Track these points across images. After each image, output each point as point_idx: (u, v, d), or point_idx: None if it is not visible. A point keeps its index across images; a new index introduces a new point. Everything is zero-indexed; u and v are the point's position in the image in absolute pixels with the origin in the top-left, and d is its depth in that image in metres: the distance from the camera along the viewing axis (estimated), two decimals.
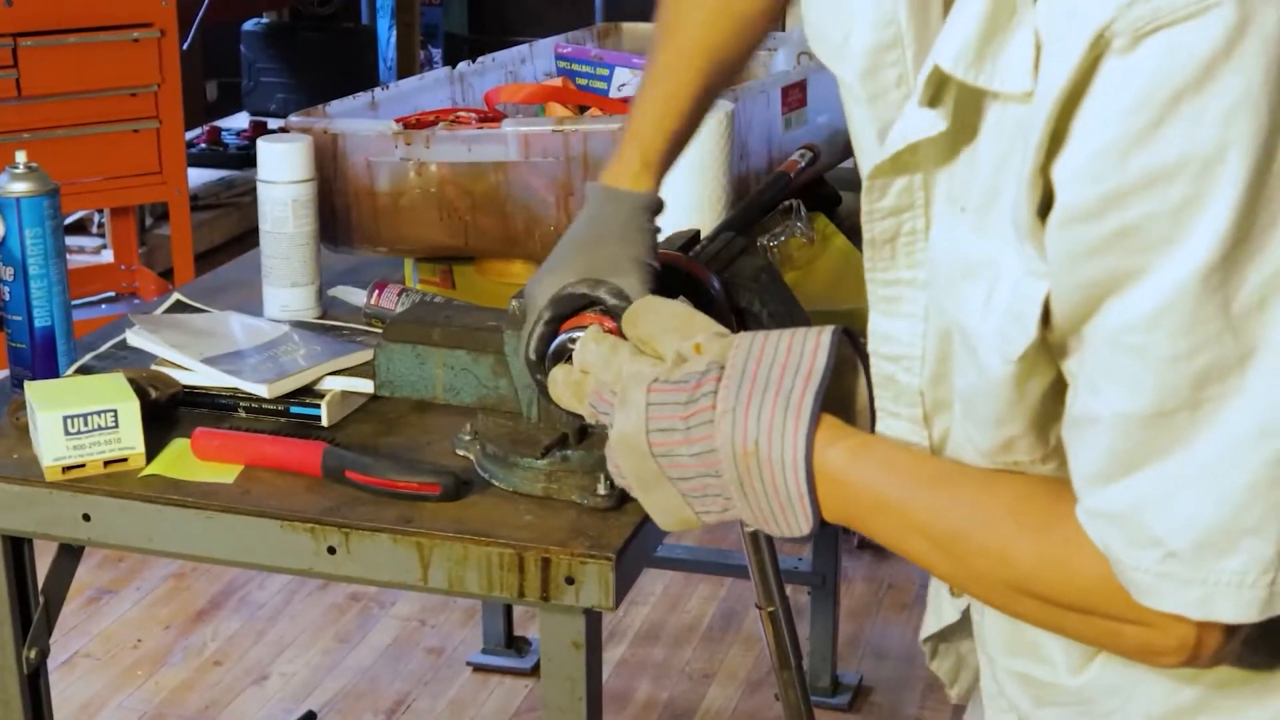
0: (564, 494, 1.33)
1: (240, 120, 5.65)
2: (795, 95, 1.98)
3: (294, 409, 1.51)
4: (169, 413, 1.51)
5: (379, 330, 1.62)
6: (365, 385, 1.53)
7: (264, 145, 1.74)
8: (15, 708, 1.48)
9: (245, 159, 5.01)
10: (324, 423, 1.50)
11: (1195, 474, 0.79)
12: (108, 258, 4.33)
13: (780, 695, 1.21)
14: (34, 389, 1.44)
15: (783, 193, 1.89)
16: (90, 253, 4.43)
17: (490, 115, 1.95)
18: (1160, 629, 0.84)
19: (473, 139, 1.78)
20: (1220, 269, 0.75)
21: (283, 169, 1.73)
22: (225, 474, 1.40)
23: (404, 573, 1.31)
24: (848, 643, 2.93)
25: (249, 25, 5.96)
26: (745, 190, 1.88)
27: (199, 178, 4.85)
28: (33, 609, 1.47)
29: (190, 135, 4.85)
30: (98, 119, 3.68)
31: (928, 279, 0.95)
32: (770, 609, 1.16)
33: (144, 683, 2.84)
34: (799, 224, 1.88)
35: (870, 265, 0.98)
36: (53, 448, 1.38)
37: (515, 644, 2.91)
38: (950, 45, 0.84)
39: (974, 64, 0.83)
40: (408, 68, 5.66)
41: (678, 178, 1.35)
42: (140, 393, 1.44)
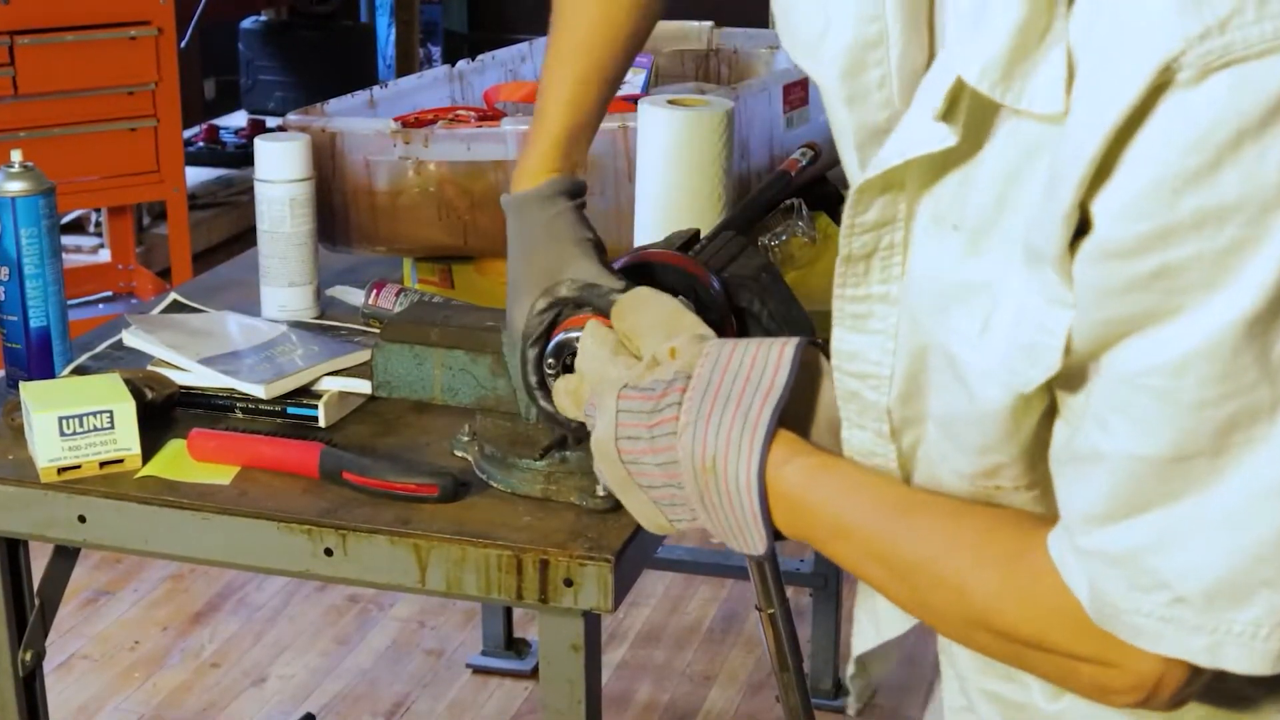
0: (563, 495, 1.32)
1: (238, 119, 5.64)
2: (797, 93, 1.97)
3: (291, 410, 1.50)
4: (165, 413, 1.50)
5: (377, 330, 1.62)
6: (363, 386, 1.53)
7: (262, 144, 1.74)
8: (10, 711, 1.47)
9: (243, 158, 4.99)
10: (321, 423, 1.49)
11: (1212, 520, 0.77)
12: (105, 257, 4.32)
13: (781, 697, 1.20)
14: (29, 389, 1.43)
15: (784, 192, 1.88)
16: (87, 252, 4.41)
17: (489, 114, 1.95)
18: (1119, 668, 0.82)
19: (472, 138, 1.77)
20: (1264, 317, 0.72)
21: (281, 168, 1.72)
22: (222, 475, 1.39)
23: (402, 574, 1.30)
24: (849, 645, 2.91)
25: (247, 23, 5.96)
26: (746, 189, 1.87)
27: (197, 176, 4.85)
28: (28, 611, 1.47)
29: (188, 134, 4.85)
30: (95, 117, 3.67)
31: (902, 296, 0.91)
32: (771, 611, 1.15)
33: (141, 685, 2.83)
34: (800, 223, 1.87)
35: (840, 281, 0.93)
36: (48, 449, 1.37)
37: (515, 646, 2.91)
38: (975, 58, 0.79)
39: (1001, 80, 0.79)
40: (407, 66, 5.66)
41: (678, 177, 1.33)
42: (136, 393, 1.43)
